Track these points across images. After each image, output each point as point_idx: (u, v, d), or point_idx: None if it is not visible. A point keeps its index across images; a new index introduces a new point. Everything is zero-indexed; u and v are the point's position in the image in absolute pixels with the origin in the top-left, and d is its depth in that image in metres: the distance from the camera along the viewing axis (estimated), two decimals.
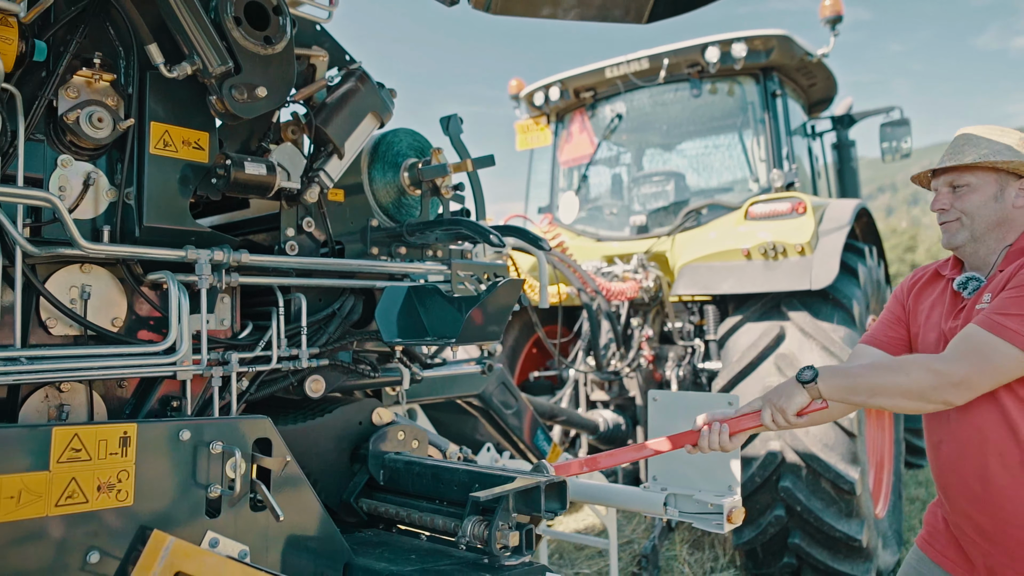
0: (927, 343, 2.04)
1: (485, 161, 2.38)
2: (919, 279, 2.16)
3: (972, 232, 1.95)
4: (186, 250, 1.74)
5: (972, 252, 1.97)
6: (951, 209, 1.97)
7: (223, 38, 1.74)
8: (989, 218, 1.94)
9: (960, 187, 1.96)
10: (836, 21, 5.68)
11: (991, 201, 1.94)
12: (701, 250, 4.75)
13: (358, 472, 2.10)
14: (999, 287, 1.85)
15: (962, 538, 1.90)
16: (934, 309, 2.07)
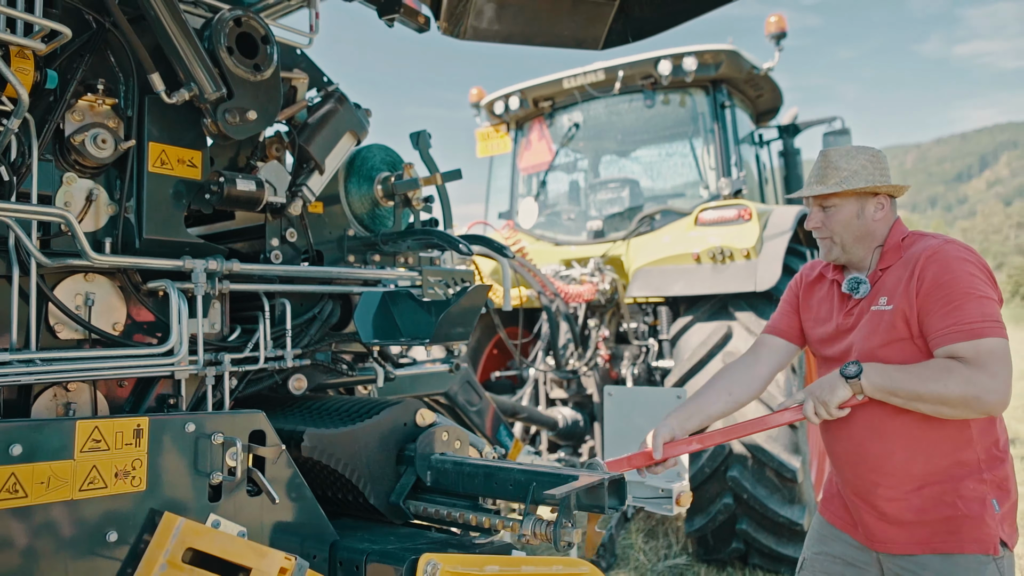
0: (820, 336, 2.32)
1: (453, 175, 2.58)
2: (808, 276, 2.43)
3: (843, 246, 2.22)
4: (183, 260, 1.90)
5: (847, 260, 2.26)
6: (823, 227, 2.23)
7: (216, 66, 1.91)
8: (855, 233, 2.21)
9: (828, 208, 2.23)
10: (780, 37, 6.00)
11: (854, 219, 2.21)
12: (654, 254, 5.01)
13: (404, 473, 2.08)
14: (897, 288, 2.11)
15: (848, 499, 2.19)
16: (822, 306, 2.34)
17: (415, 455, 2.07)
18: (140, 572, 1.49)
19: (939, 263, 2.06)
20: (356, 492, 2.04)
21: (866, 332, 2.19)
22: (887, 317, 2.14)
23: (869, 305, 2.20)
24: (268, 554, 1.56)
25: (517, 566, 2.01)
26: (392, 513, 2.08)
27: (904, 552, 2.09)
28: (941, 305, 2.01)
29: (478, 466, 1.95)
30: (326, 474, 2.09)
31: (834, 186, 2.19)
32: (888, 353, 2.11)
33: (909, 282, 2.10)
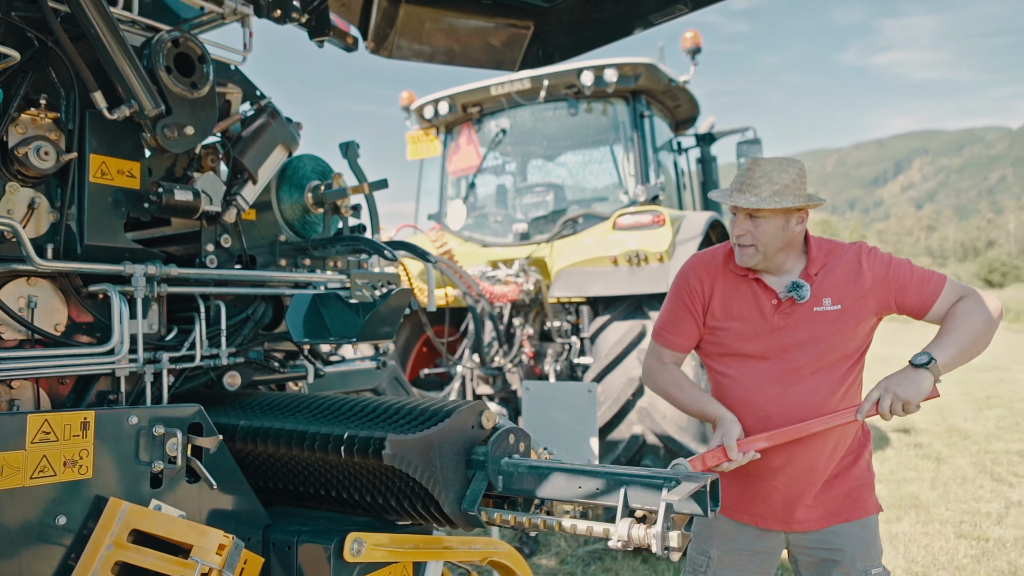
0: (740, 332, 2.44)
1: (380, 185, 2.76)
2: (710, 273, 2.50)
3: (764, 255, 2.36)
4: (124, 265, 2.03)
5: (765, 266, 2.41)
6: (749, 235, 2.35)
7: (155, 84, 2.05)
8: (778, 244, 2.36)
9: (756, 218, 2.33)
10: (695, 52, 6.37)
11: (780, 231, 2.34)
12: (575, 256, 5.29)
13: (474, 479, 1.94)
14: (841, 290, 2.36)
15: (765, 489, 2.40)
16: (743, 304, 2.45)
17: (486, 459, 1.92)
18: (88, 552, 1.63)
19: (874, 254, 2.42)
20: (428, 499, 1.92)
21: (815, 331, 2.37)
22: (837, 316, 2.37)
23: (811, 306, 2.38)
24: (208, 533, 1.72)
25: (438, 543, 2.22)
26: (466, 521, 1.93)
27: (820, 527, 2.40)
28: (907, 277, 2.36)
29: (556, 469, 1.85)
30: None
31: (769, 201, 2.29)
32: (839, 343, 2.38)
33: (860, 279, 2.37)
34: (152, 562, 1.63)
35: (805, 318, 2.38)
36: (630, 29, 2.35)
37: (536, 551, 4.98)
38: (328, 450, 1.93)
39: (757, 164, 2.34)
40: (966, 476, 6.88)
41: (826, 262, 2.42)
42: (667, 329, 2.56)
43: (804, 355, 2.39)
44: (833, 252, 2.45)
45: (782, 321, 2.40)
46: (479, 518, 1.90)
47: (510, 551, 2.52)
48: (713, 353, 2.54)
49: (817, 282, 2.40)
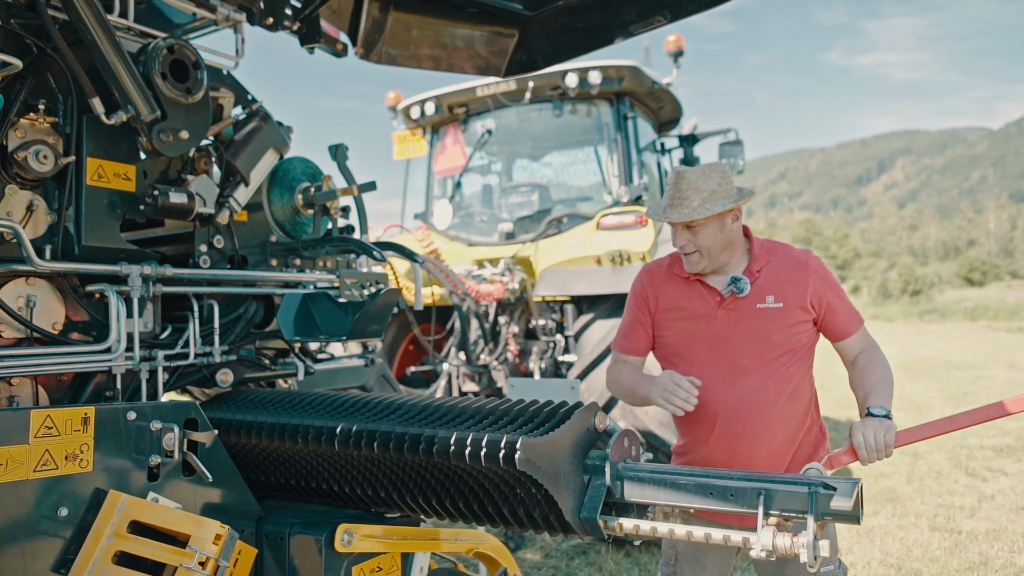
0: (686, 331, 2.55)
1: (368, 187, 2.83)
2: (657, 278, 2.63)
3: (709, 259, 2.47)
4: (120, 265, 2.10)
5: (711, 269, 2.52)
6: (689, 244, 2.46)
7: (151, 89, 2.11)
8: (719, 245, 2.46)
9: (694, 227, 2.43)
10: (678, 55, 6.47)
11: (718, 233, 2.45)
12: (560, 256, 5.37)
13: (591, 485, 1.82)
14: (783, 288, 2.46)
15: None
16: (689, 302, 2.56)
17: (606, 463, 1.81)
18: (89, 542, 1.70)
19: (821, 268, 2.53)
20: (548, 506, 1.82)
21: (757, 326, 2.47)
22: (778, 313, 2.47)
23: (753, 303, 2.48)
24: (205, 523, 1.79)
25: (426, 535, 2.30)
26: (585, 529, 1.80)
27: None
28: (838, 302, 2.49)
29: (683, 474, 1.77)
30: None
31: (700, 211, 2.39)
32: (783, 339, 2.48)
33: (802, 284, 2.47)
34: (152, 551, 1.69)
35: (748, 314, 2.47)
36: (611, 38, 2.43)
37: (522, 545, 5.07)
38: (451, 455, 1.79)
39: (683, 177, 2.43)
40: (942, 471, 7.04)
41: (768, 260, 2.53)
42: (622, 335, 2.71)
43: (748, 352, 2.48)
44: (775, 251, 2.56)
45: (726, 318, 2.49)
46: (599, 526, 1.78)
47: (496, 543, 2.61)
48: (663, 355, 2.66)
49: (759, 279, 2.50)
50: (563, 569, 4.70)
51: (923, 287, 44.88)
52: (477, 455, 1.78)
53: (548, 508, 1.81)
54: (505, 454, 1.72)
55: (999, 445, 7.97)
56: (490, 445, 1.75)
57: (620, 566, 4.72)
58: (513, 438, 1.73)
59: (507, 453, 1.72)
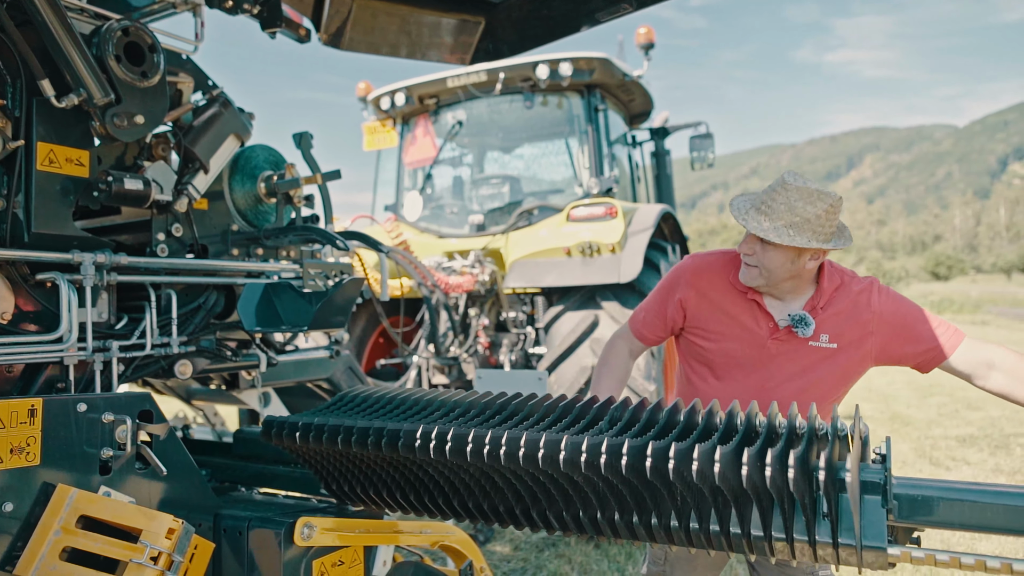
0: (726, 350, 2.34)
1: (332, 175, 2.78)
2: (707, 280, 2.38)
3: (768, 281, 2.25)
4: (72, 253, 2.03)
5: (767, 290, 2.30)
6: (754, 256, 2.22)
7: (105, 72, 2.05)
8: (784, 274, 2.23)
9: (767, 244, 2.17)
10: (649, 47, 6.48)
11: (788, 263, 2.19)
12: (530, 247, 5.36)
13: (864, 505, 1.51)
14: (841, 329, 2.26)
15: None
16: (736, 320, 2.34)
17: (886, 480, 1.51)
18: (35, 538, 1.65)
19: (888, 305, 2.27)
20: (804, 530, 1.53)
21: (805, 364, 2.27)
22: (830, 354, 2.27)
23: (808, 340, 2.27)
24: (157, 517, 1.74)
25: (389, 527, 2.27)
26: (873, 560, 1.49)
27: None
28: (921, 333, 2.23)
29: (976, 491, 1.50)
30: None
31: (780, 234, 2.12)
32: (827, 379, 2.29)
33: (863, 326, 2.25)
34: (101, 547, 1.65)
35: (799, 351, 2.28)
36: (577, 26, 2.41)
37: (491, 537, 5.06)
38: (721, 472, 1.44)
39: (786, 188, 2.15)
40: (907, 460, 7.15)
41: (835, 296, 2.30)
42: (641, 319, 2.54)
43: (788, 386, 2.31)
44: (843, 286, 2.33)
45: (775, 348, 2.30)
46: (885, 556, 1.47)
47: (462, 536, 2.58)
48: (692, 363, 2.48)
49: (822, 316, 2.29)
50: (532, 561, 4.69)
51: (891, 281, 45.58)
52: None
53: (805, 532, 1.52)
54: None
55: (962, 435, 8.11)
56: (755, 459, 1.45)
57: (590, 558, 4.73)
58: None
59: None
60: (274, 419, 2.05)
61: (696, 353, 2.46)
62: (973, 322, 25.52)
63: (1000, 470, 6.71)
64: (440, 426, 1.75)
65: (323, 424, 1.94)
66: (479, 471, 1.77)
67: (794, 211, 2.11)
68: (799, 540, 1.54)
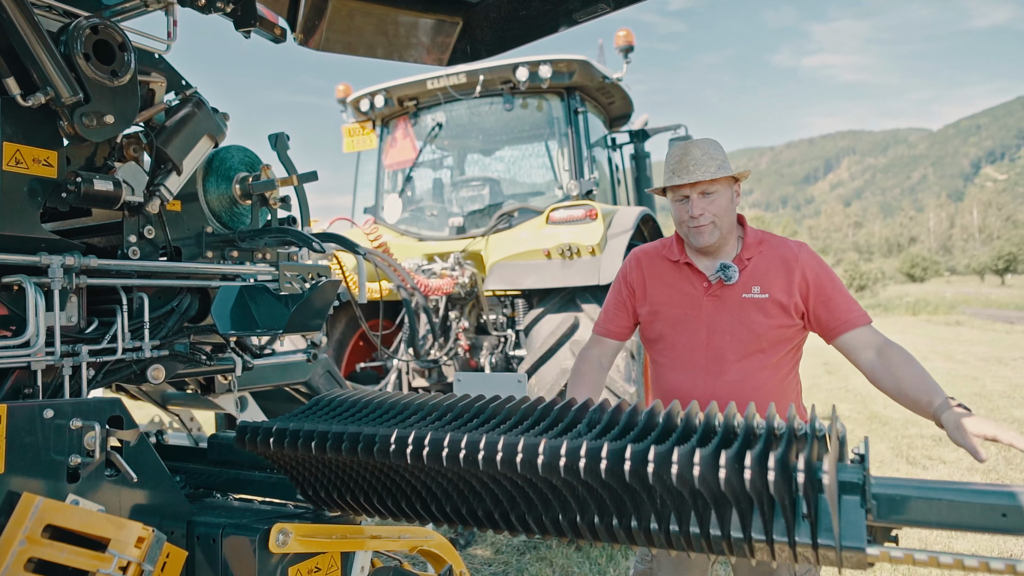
0: (673, 317, 2.51)
1: (309, 177, 2.74)
2: (645, 262, 2.60)
3: (721, 231, 2.43)
4: (40, 256, 1.98)
5: (718, 246, 2.46)
6: (706, 213, 2.40)
7: (73, 71, 2.00)
8: (730, 218, 2.45)
9: (710, 194, 2.38)
10: (628, 50, 6.49)
11: (730, 204, 2.43)
12: (510, 250, 5.34)
13: (842, 505, 1.48)
14: (770, 279, 2.40)
15: None
16: (675, 288, 2.52)
17: (865, 479, 1.50)
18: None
19: (812, 260, 2.44)
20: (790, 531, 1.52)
21: (741, 316, 2.42)
22: (763, 304, 2.42)
23: (740, 292, 2.43)
24: (126, 526, 1.70)
25: (366, 533, 2.24)
26: (852, 559, 1.48)
27: None
28: (834, 293, 2.39)
29: (953, 490, 1.49)
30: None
31: (721, 171, 2.36)
32: (767, 331, 2.42)
33: (790, 276, 2.40)
34: (67, 557, 1.60)
35: (733, 303, 2.43)
36: (555, 27, 2.40)
37: (472, 540, 5.03)
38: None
39: (694, 145, 2.41)
40: (884, 460, 7.21)
41: (760, 250, 2.48)
42: (603, 317, 2.69)
43: (731, 342, 2.43)
44: (767, 242, 2.51)
45: (711, 305, 2.45)
46: (864, 556, 1.46)
47: (441, 541, 2.56)
48: (648, 340, 2.63)
49: (749, 268, 2.45)
50: (513, 565, 4.67)
51: (868, 283, 46.10)
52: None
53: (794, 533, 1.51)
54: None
55: (938, 434, 8.20)
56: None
57: (571, 560, 4.71)
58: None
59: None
60: (248, 424, 2.01)
61: (651, 332, 2.61)
62: (948, 323, 25.84)
63: (975, 468, 6.79)
64: (417, 430, 1.72)
65: (298, 429, 1.90)
66: (457, 475, 1.75)
67: (713, 156, 2.38)
68: (779, 541, 1.54)
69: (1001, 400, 10.09)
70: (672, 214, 2.54)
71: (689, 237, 2.49)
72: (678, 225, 2.53)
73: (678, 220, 2.50)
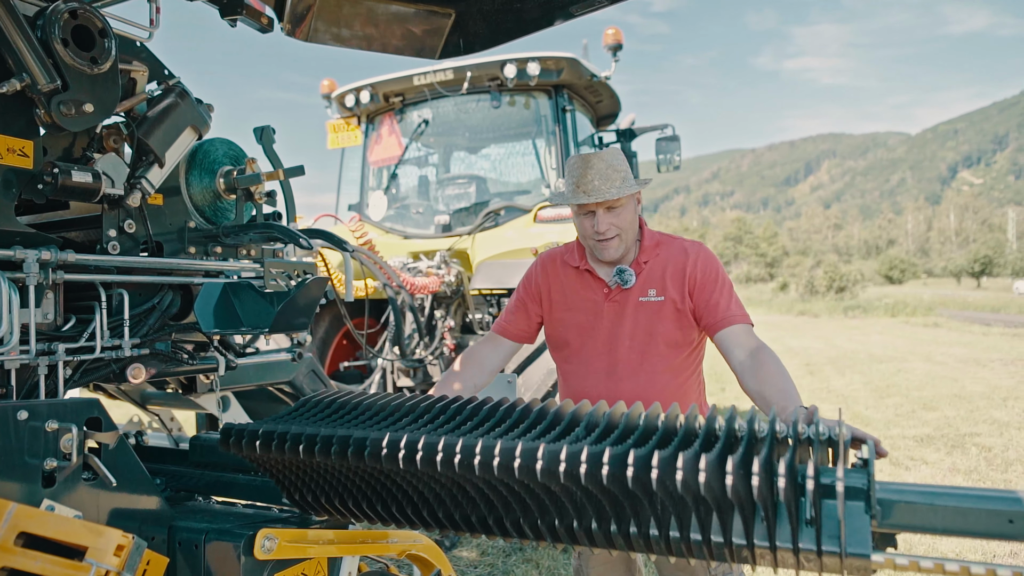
0: (576, 323, 2.53)
1: (295, 171, 2.67)
2: (549, 268, 2.63)
3: (626, 242, 2.47)
4: (14, 250, 1.90)
5: (622, 255, 2.50)
6: (612, 227, 2.42)
7: (51, 57, 1.92)
8: (633, 227, 2.47)
9: (615, 209, 2.41)
10: (617, 49, 6.45)
11: (632, 214, 2.46)
12: (496, 248, 5.29)
13: (848, 511, 1.42)
14: (664, 281, 2.43)
15: None
16: (578, 294, 2.55)
17: (870, 485, 1.42)
18: None
19: (704, 258, 2.46)
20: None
21: (638, 320, 2.45)
22: (660, 307, 2.45)
23: (637, 296, 2.47)
24: (104, 533, 1.62)
25: (354, 538, 2.17)
26: (855, 567, 1.41)
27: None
28: (718, 292, 2.40)
29: (961, 495, 1.43)
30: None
31: (626, 187, 2.37)
32: (664, 334, 2.44)
33: (681, 275, 2.43)
34: (42, 567, 1.53)
35: (630, 308, 2.46)
36: (550, 20, 2.34)
37: (457, 543, 4.96)
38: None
39: (598, 158, 2.39)
40: None
41: (657, 253, 2.51)
42: (503, 316, 2.71)
43: (630, 347, 2.46)
44: (665, 243, 2.54)
45: (611, 311, 2.48)
46: (869, 564, 1.39)
47: (428, 544, 2.50)
48: (554, 346, 2.66)
49: (645, 271, 2.49)
50: (499, 567, 4.62)
51: (847, 284, 46.50)
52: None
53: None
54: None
55: (919, 435, 8.24)
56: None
57: (557, 562, 4.66)
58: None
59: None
60: (233, 426, 1.94)
61: (556, 338, 2.63)
62: (926, 324, 26.10)
63: (957, 469, 6.82)
64: (409, 434, 1.66)
65: (285, 431, 1.84)
66: (451, 480, 1.69)
67: (617, 169, 2.38)
68: (782, 548, 1.50)
69: (981, 401, 10.17)
70: (576, 226, 2.55)
71: (595, 251, 2.51)
72: (583, 239, 2.55)
73: (583, 234, 2.50)
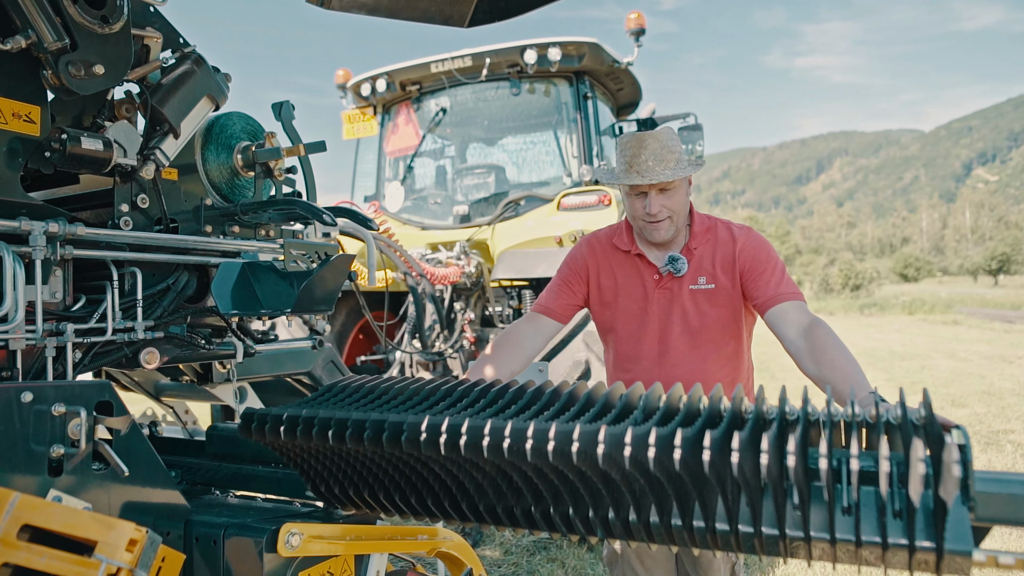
0: (625, 309, 2.49)
1: (317, 147, 2.52)
2: (598, 250, 2.56)
3: (677, 225, 2.40)
4: (20, 221, 1.76)
5: (673, 238, 2.44)
6: (664, 209, 2.36)
7: (59, 14, 1.78)
8: (685, 209, 2.42)
9: (668, 191, 2.36)
10: (640, 33, 6.27)
11: (684, 196, 2.40)
12: (518, 238, 5.13)
13: (955, 505, 1.27)
14: (714, 268, 2.38)
15: None
16: (628, 279, 2.49)
17: (968, 474, 1.27)
18: None
19: (751, 240, 2.41)
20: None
21: (689, 308, 2.41)
22: (711, 295, 2.41)
23: (688, 284, 2.42)
24: (116, 526, 1.48)
25: (382, 534, 2.02)
26: (957, 569, 1.28)
27: None
28: (768, 267, 2.34)
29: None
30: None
31: (680, 170, 2.32)
32: (715, 321, 2.41)
33: (730, 260, 2.38)
34: (48, 563, 1.38)
35: (681, 295, 2.42)
36: None
37: (480, 540, 4.81)
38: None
39: (652, 138, 2.32)
40: None
41: (706, 239, 2.46)
42: (544, 295, 2.60)
43: (681, 334, 2.43)
44: (712, 228, 2.48)
45: (662, 297, 2.44)
46: (971, 560, 1.26)
47: (459, 542, 2.35)
48: (602, 330, 2.62)
49: (695, 258, 2.44)
50: (524, 566, 4.46)
51: (863, 282, 46.04)
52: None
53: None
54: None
55: None
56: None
57: (583, 561, 4.50)
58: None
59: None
60: (255, 411, 1.79)
61: (603, 321, 2.58)
62: (944, 322, 25.74)
63: (993, 467, 6.61)
64: (451, 418, 1.50)
65: (312, 416, 1.68)
66: (494, 468, 1.53)
67: (671, 150, 2.31)
68: (868, 543, 1.33)
69: (1012, 398, 9.92)
70: (626, 206, 2.50)
71: (645, 232, 2.46)
72: (632, 219, 2.49)
73: (633, 215, 2.47)
